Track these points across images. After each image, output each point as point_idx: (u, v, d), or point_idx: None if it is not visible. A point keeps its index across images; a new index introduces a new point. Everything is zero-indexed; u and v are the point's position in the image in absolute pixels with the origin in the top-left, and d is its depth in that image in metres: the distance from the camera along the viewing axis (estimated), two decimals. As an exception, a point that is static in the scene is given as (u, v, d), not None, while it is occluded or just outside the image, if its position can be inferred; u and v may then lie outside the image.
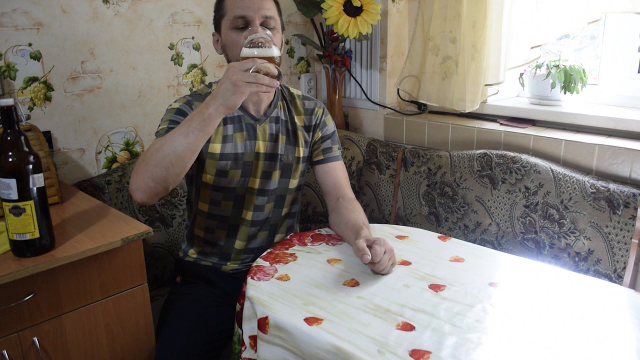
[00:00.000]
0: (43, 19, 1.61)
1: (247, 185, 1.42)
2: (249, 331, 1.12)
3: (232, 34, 1.32)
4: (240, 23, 1.31)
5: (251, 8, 1.30)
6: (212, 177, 1.38)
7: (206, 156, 1.37)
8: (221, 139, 1.38)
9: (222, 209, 1.42)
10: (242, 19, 1.30)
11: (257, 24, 1.30)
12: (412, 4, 2.16)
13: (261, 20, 1.31)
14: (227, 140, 1.38)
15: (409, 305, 1.08)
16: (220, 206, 1.42)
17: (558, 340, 0.98)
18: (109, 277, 1.22)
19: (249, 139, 1.40)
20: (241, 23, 1.31)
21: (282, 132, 1.44)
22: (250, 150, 1.40)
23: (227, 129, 1.38)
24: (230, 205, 1.42)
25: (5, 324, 1.09)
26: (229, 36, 1.33)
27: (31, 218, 1.07)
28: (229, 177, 1.39)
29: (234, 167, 1.38)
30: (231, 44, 1.33)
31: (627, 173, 1.58)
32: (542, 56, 1.91)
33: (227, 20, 1.33)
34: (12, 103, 1.05)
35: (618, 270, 1.47)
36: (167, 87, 1.94)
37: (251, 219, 1.43)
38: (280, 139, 1.43)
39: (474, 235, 1.76)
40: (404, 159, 1.97)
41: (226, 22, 1.34)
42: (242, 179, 1.40)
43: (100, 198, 1.65)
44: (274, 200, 1.46)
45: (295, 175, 1.47)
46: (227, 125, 1.38)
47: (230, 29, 1.32)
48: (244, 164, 1.40)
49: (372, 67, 2.21)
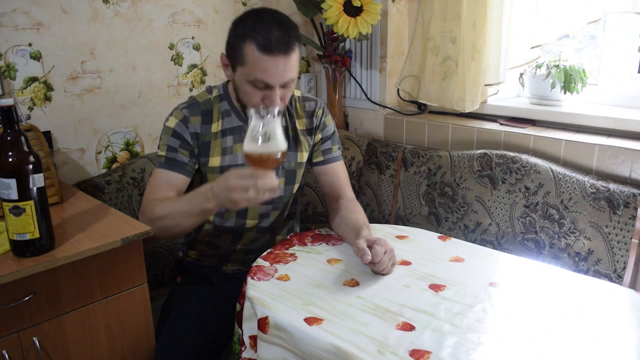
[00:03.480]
0: (43, 19, 1.61)
1: None
2: (249, 331, 1.12)
3: (248, 88, 1.25)
4: (260, 85, 1.23)
5: (275, 76, 1.22)
6: None
7: (207, 170, 1.36)
8: (220, 152, 1.36)
9: (226, 220, 1.42)
10: (263, 82, 1.23)
11: (277, 89, 1.24)
12: (412, 4, 2.16)
13: (281, 84, 1.25)
14: (227, 152, 1.37)
15: (409, 305, 1.08)
16: (223, 217, 1.41)
17: (558, 340, 0.98)
18: (109, 277, 1.22)
19: None
20: (261, 85, 1.23)
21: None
22: None
23: (226, 141, 1.36)
24: (234, 215, 1.41)
25: (5, 324, 1.08)
26: (243, 86, 1.26)
27: (31, 218, 1.07)
28: None
29: None
30: (244, 93, 1.28)
31: (627, 173, 1.58)
32: (542, 56, 1.91)
33: (245, 73, 1.24)
34: (12, 103, 1.04)
35: (618, 270, 1.47)
36: (167, 87, 1.94)
37: (256, 226, 1.43)
38: None
39: (474, 235, 1.76)
40: (404, 159, 1.97)
41: (243, 73, 1.24)
42: None
43: (100, 198, 1.65)
44: (280, 207, 1.45)
45: (298, 180, 1.47)
46: (226, 137, 1.36)
47: (247, 82, 1.25)
48: None
49: (372, 67, 2.21)
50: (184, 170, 1.33)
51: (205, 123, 1.35)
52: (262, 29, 1.20)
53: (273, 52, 1.19)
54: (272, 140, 1.08)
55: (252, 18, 1.23)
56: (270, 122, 1.07)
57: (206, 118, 1.35)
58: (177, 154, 1.32)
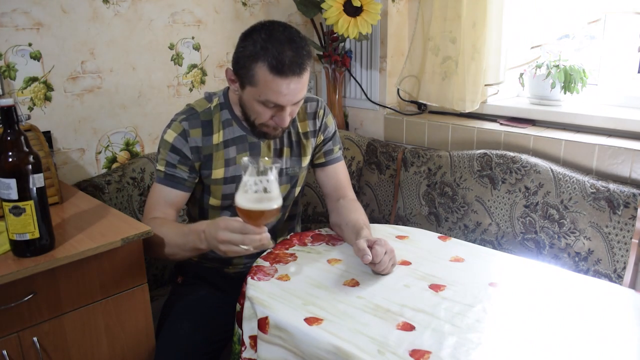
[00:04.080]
0: (43, 19, 1.61)
1: None
2: (249, 331, 1.12)
3: (257, 107, 1.23)
4: (271, 105, 1.21)
5: (287, 97, 1.19)
6: (219, 200, 1.38)
7: (210, 182, 1.35)
8: (223, 164, 1.34)
9: None
10: (275, 104, 1.21)
11: (288, 109, 1.23)
12: (412, 4, 2.16)
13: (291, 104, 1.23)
14: (230, 163, 1.35)
15: (409, 305, 1.08)
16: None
17: (558, 340, 0.98)
18: (109, 277, 1.22)
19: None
20: (272, 105, 1.21)
21: (286, 145, 1.41)
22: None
23: (228, 152, 1.34)
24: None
25: (5, 324, 1.08)
26: (253, 105, 1.24)
27: (31, 218, 1.07)
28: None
29: None
30: (253, 111, 1.26)
31: (627, 173, 1.58)
32: (542, 56, 1.91)
33: (257, 94, 1.20)
34: (12, 103, 1.04)
35: (618, 270, 1.47)
36: (167, 87, 1.94)
37: None
38: (285, 152, 1.41)
39: (474, 235, 1.76)
40: (404, 159, 1.97)
41: (254, 93, 1.21)
42: None
43: (100, 198, 1.65)
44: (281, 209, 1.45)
45: (300, 182, 1.47)
46: (228, 148, 1.34)
47: (258, 102, 1.22)
48: None
49: (372, 67, 2.21)
50: (183, 186, 1.33)
51: (206, 135, 1.32)
52: (274, 49, 1.15)
53: (286, 74, 1.16)
54: (268, 196, 1.04)
55: (263, 36, 1.18)
56: (268, 177, 1.03)
57: (206, 129, 1.32)
58: (175, 169, 1.31)
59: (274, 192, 1.05)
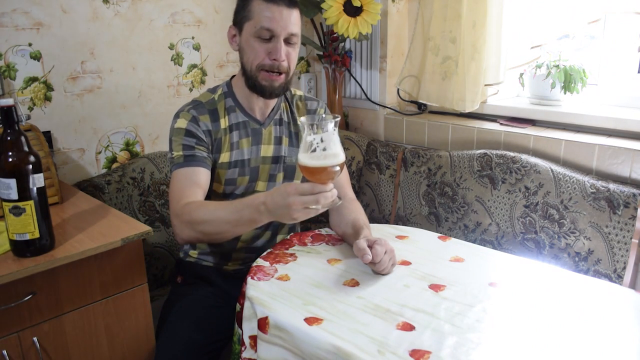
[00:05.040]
0: (43, 19, 1.61)
1: (254, 190, 1.42)
2: (249, 331, 1.12)
3: (254, 43, 1.30)
4: (265, 34, 1.28)
5: (279, 23, 1.27)
6: (222, 185, 1.38)
7: (218, 166, 1.37)
8: (229, 147, 1.37)
9: None
10: (268, 31, 1.28)
11: (281, 40, 1.29)
12: (412, 4, 2.16)
13: (286, 37, 1.29)
14: (234, 147, 1.38)
15: (409, 305, 1.08)
16: None
17: (558, 340, 0.98)
18: (109, 277, 1.22)
19: (255, 144, 1.40)
20: (266, 35, 1.28)
21: (285, 134, 1.44)
22: (257, 155, 1.40)
23: (233, 136, 1.38)
24: None
25: (5, 324, 1.09)
26: (250, 43, 1.31)
27: (31, 218, 1.07)
28: (237, 184, 1.39)
29: (241, 173, 1.39)
30: (250, 51, 1.31)
31: (627, 173, 1.58)
32: (542, 56, 1.91)
33: (252, 26, 1.29)
34: (12, 103, 1.04)
35: (618, 270, 1.47)
36: (167, 87, 1.94)
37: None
38: (283, 140, 1.44)
39: (474, 235, 1.76)
40: (404, 159, 1.97)
41: (250, 27, 1.30)
42: (249, 184, 1.41)
43: (100, 198, 1.65)
44: None
45: (299, 176, 1.47)
46: (232, 132, 1.38)
47: (254, 36, 1.29)
48: (251, 170, 1.40)
49: (372, 67, 2.21)
50: (205, 164, 1.32)
51: (214, 120, 1.36)
52: None
53: (277, 2, 1.27)
54: (331, 152, 1.05)
55: None
56: (329, 131, 1.04)
57: (214, 116, 1.37)
58: (194, 150, 1.32)
59: (336, 146, 1.06)
